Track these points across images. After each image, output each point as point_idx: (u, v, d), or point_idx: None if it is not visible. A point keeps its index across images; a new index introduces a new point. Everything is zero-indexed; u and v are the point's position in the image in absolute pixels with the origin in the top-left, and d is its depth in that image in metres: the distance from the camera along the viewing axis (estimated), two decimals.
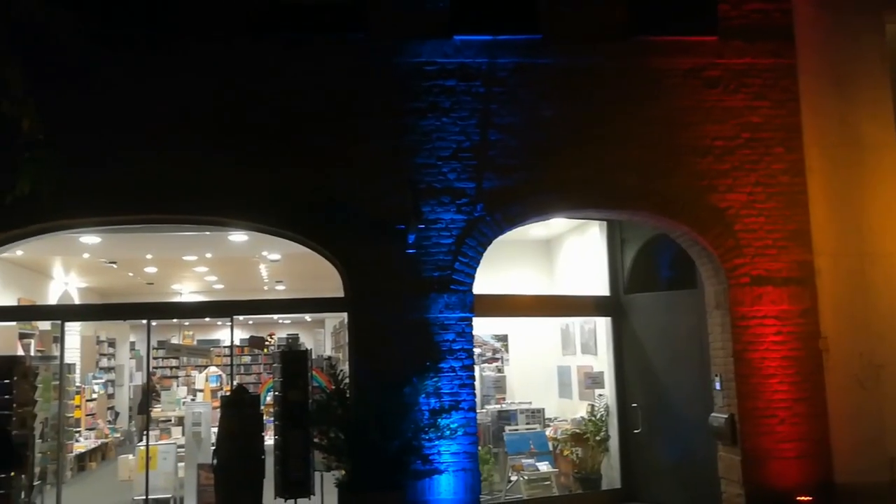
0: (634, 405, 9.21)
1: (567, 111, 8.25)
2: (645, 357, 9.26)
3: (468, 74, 8.21)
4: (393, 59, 8.16)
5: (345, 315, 9.32)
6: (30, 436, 7.82)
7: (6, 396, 7.57)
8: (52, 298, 13.69)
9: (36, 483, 7.98)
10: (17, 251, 9.44)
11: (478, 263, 8.08)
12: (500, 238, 8.25)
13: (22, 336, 11.77)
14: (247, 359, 22.15)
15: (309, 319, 23.36)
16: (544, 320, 10.57)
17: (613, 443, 9.46)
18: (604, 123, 8.24)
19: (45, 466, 8.33)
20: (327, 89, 8.10)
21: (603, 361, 9.75)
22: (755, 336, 8.04)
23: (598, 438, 9.43)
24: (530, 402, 10.05)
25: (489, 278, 8.60)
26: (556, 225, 10.24)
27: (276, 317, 22.25)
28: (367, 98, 8.11)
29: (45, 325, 12.62)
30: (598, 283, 9.82)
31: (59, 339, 9.16)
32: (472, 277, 8.04)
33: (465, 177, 8.12)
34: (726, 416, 7.95)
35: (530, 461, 9.15)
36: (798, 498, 7.59)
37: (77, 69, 7.56)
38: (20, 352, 11.15)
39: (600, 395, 9.69)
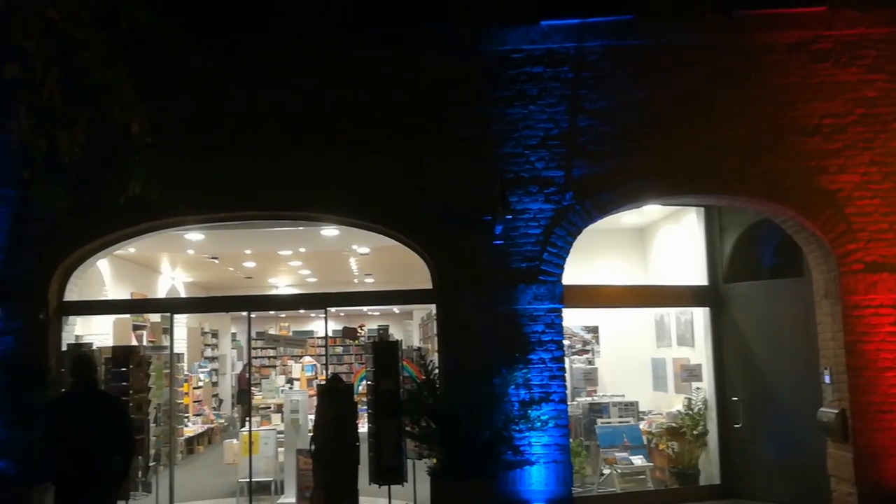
0: (735, 399, 8.86)
1: (661, 93, 8.01)
2: (746, 349, 8.90)
3: (556, 60, 8.09)
4: (479, 49, 8.14)
5: (433, 307, 9.41)
6: (145, 420, 8.31)
7: (123, 383, 8.08)
8: (161, 292, 14.47)
9: (151, 464, 8.47)
10: (130, 248, 10.00)
11: (567, 253, 7.97)
12: (591, 227, 8.11)
13: (135, 327, 12.49)
14: (338, 349, 22.73)
15: (397, 311, 23.72)
16: (637, 311, 10.29)
17: (712, 437, 9.14)
18: (702, 104, 7.96)
19: (159, 449, 8.83)
20: (415, 82, 8.17)
21: (700, 353, 9.43)
22: (869, 326, 7.57)
23: (695, 433, 9.13)
24: (623, 395, 9.84)
25: (579, 268, 8.47)
26: (650, 212, 9.96)
27: (365, 308, 22.74)
28: (453, 89, 8.13)
29: (155, 318, 13.35)
30: (695, 272, 9.49)
31: (169, 331, 9.69)
32: (562, 268, 7.94)
33: (554, 165, 8.02)
34: (837, 410, 7.53)
35: (624, 455, 8.97)
36: None
37: (180, 74, 7.91)
38: (134, 342, 11.82)
39: (698, 388, 9.38)
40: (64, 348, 8.25)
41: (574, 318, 9.72)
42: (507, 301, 7.82)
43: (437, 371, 7.88)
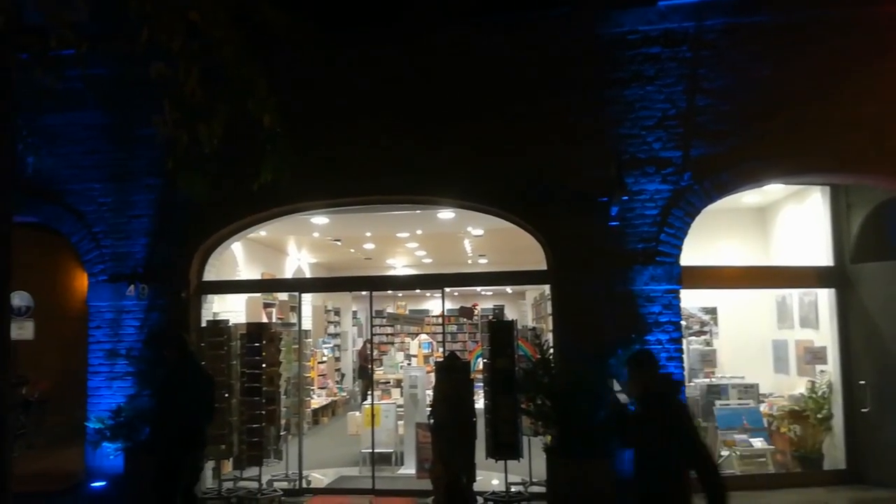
0: (862, 382, 8.56)
1: (786, 70, 7.80)
2: (875, 331, 8.55)
3: (673, 40, 8.02)
4: (595, 31, 8.17)
5: (546, 287, 9.53)
6: (276, 392, 8.86)
7: (257, 357, 8.68)
8: (288, 272, 15.32)
9: (282, 433, 9.05)
10: (261, 232, 10.67)
11: (685, 234, 7.92)
12: (709, 207, 8.02)
13: (265, 305, 13.29)
14: (452, 328, 23.18)
15: (510, 291, 23.92)
16: (758, 292, 10.05)
17: (837, 421, 8.86)
18: (829, 80, 7.71)
19: (289, 419, 9.36)
20: (531, 66, 8.30)
21: (825, 335, 9.13)
22: None
23: (819, 416, 8.89)
24: (742, 377, 9.66)
25: (697, 249, 8.39)
26: (772, 191, 9.68)
27: (478, 288, 23.09)
28: (569, 72, 8.21)
29: (282, 296, 14.15)
30: (819, 253, 9.17)
31: (297, 308, 10.30)
32: (679, 248, 7.91)
33: (671, 145, 7.97)
34: None
35: (743, 437, 8.86)
36: None
37: (307, 67, 8.38)
38: (264, 319, 12.60)
39: (822, 371, 9.10)
40: (203, 324, 8.96)
41: (691, 299, 9.61)
42: (622, 282, 7.88)
43: (551, 350, 8.03)
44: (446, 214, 10.56)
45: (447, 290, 9.89)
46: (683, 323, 8.72)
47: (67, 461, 9.93)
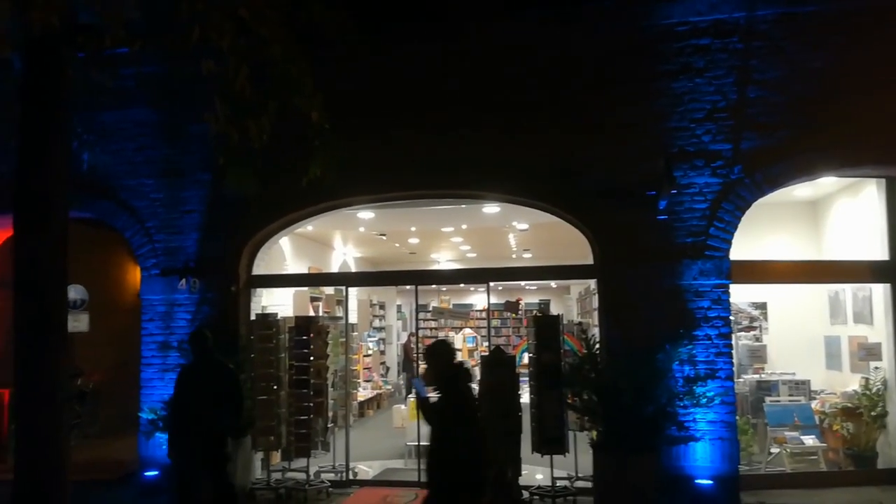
0: None
1: (840, 60, 7.63)
2: None
3: (724, 31, 7.88)
4: (642, 23, 8.07)
5: (591, 282, 9.47)
6: (324, 384, 8.99)
7: (305, 350, 8.81)
8: (334, 266, 15.49)
9: (329, 425, 9.17)
10: (308, 226, 10.81)
11: (735, 228, 7.80)
12: (760, 201, 7.89)
13: (312, 299, 13.46)
14: (496, 322, 23.21)
15: (554, 286, 23.81)
16: (809, 287, 9.83)
17: (892, 419, 8.62)
18: (886, 70, 7.53)
19: (336, 412, 9.49)
20: (577, 59, 8.25)
21: (880, 332, 8.88)
22: None
23: (873, 414, 8.67)
24: (793, 373, 9.48)
25: (747, 243, 8.25)
26: (825, 184, 9.45)
27: (522, 283, 23.03)
28: (615, 65, 8.13)
29: (328, 290, 14.32)
30: (874, 247, 8.91)
31: (344, 302, 10.42)
32: (729, 243, 7.79)
33: (721, 138, 7.85)
34: None
35: (794, 434, 8.69)
36: None
37: (353, 63, 8.44)
38: (311, 313, 12.77)
39: (876, 367, 8.87)
40: (253, 318, 9.13)
41: (740, 294, 9.46)
42: (671, 276, 7.80)
43: (598, 345, 8.00)
44: (491, 209, 10.56)
45: (491, 284, 9.89)
46: (732, 318, 8.59)
47: (120, 451, 10.20)
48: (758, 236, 9.27)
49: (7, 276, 6.19)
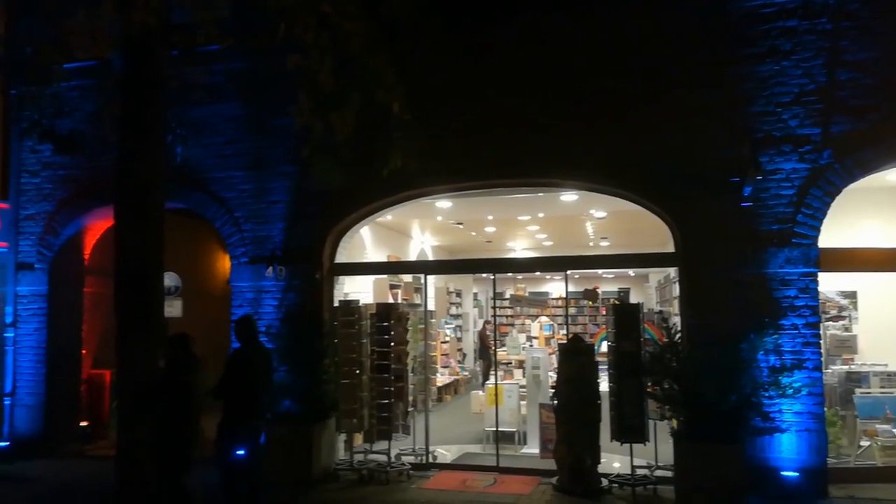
0: None
1: None
2: None
3: (812, 12, 7.64)
4: (727, 6, 7.90)
5: (670, 270, 9.34)
6: (404, 370, 9.20)
7: (385, 336, 9.04)
8: (412, 255, 15.73)
9: (410, 409, 9.39)
10: (387, 216, 11.03)
11: (823, 215, 7.58)
12: (850, 186, 7.62)
13: (391, 286, 13.73)
14: (572, 310, 23.05)
15: (632, 274, 23.46)
16: None
17: None
18: None
19: (416, 396, 9.70)
20: (660, 44, 8.14)
21: None
22: None
23: None
24: (886, 364, 9.12)
25: (836, 230, 7.98)
26: None
27: (600, 271, 22.79)
28: (699, 48, 7.99)
29: (407, 278, 14.57)
30: None
31: (423, 290, 10.60)
32: (817, 230, 7.58)
33: (809, 122, 7.62)
34: None
35: (886, 427, 8.38)
36: None
37: (432, 56, 8.56)
38: (390, 300, 13.03)
39: None
40: (336, 304, 9.41)
41: (828, 283, 9.15)
42: (755, 264, 7.64)
43: (679, 334, 7.91)
44: (569, 197, 10.53)
45: (567, 272, 9.89)
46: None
47: (211, 430, 10.65)
48: (848, 223, 8.95)
49: (108, 265, 6.59)
